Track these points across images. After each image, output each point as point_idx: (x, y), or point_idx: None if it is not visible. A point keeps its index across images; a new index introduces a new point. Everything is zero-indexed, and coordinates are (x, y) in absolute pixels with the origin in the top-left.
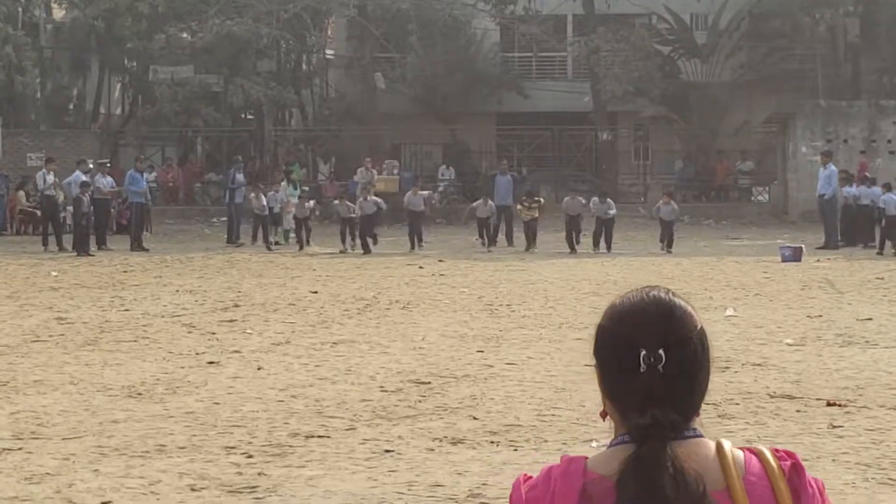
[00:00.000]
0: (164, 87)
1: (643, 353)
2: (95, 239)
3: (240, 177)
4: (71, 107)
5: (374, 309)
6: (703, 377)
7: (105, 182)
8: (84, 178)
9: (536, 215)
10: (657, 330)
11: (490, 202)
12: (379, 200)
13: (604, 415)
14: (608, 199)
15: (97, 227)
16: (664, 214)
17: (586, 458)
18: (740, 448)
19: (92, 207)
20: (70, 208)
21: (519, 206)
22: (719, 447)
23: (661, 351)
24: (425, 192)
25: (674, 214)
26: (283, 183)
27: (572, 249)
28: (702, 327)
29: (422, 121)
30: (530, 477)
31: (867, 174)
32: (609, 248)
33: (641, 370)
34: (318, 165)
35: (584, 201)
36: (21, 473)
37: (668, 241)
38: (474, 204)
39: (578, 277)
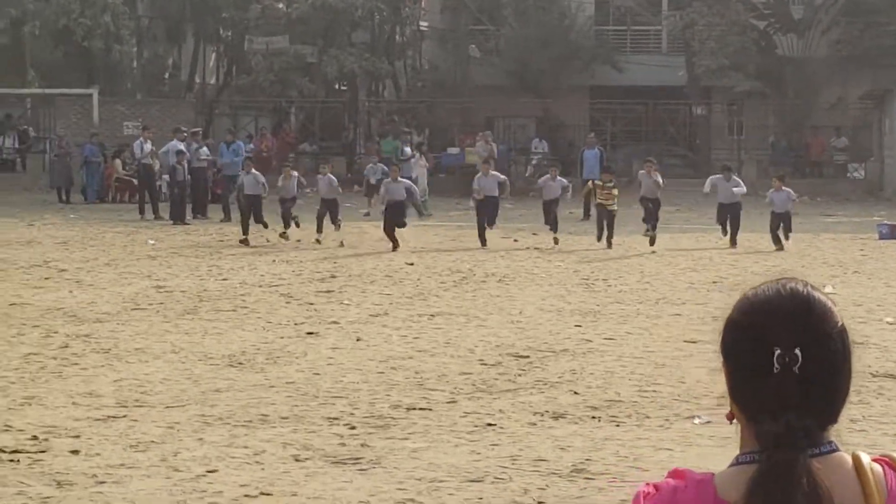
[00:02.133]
0: (259, 57)
1: (777, 352)
2: (192, 208)
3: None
4: (166, 76)
5: (471, 281)
6: (843, 380)
7: (203, 151)
8: (181, 146)
9: (612, 203)
10: (794, 327)
11: (559, 180)
12: (409, 184)
13: (730, 417)
14: (735, 177)
15: (194, 196)
16: (778, 205)
17: (713, 476)
18: (874, 459)
19: (189, 176)
20: (166, 177)
21: (596, 183)
22: (857, 462)
23: (797, 350)
24: (501, 177)
25: (789, 203)
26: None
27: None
28: (843, 324)
29: (515, 94)
30: (652, 491)
31: None
32: (734, 240)
33: (775, 371)
34: (412, 137)
35: (660, 182)
36: (126, 441)
37: (784, 233)
38: (540, 181)
39: (673, 253)
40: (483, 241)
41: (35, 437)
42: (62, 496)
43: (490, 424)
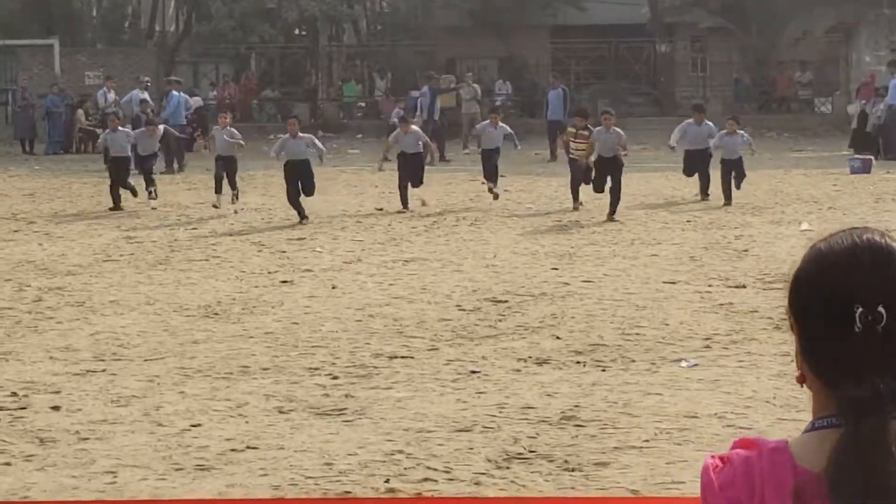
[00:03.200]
0: (219, 3)
1: (859, 310)
2: (171, 159)
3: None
4: (126, 24)
5: (442, 226)
6: None
7: (196, 101)
8: (143, 96)
9: (586, 151)
10: (876, 282)
11: (501, 127)
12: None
13: (801, 380)
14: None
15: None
16: (729, 150)
17: (787, 443)
18: None
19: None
20: (129, 126)
21: (568, 132)
22: None
23: (880, 308)
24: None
25: (743, 147)
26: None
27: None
28: None
29: (476, 35)
30: (721, 464)
31: None
32: (706, 191)
33: (856, 330)
34: (375, 81)
35: (623, 139)
36: (107, 396)
37: (736, 181)
38: (477, 127)
39: (645, 192)
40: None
41: (14, 394)
42: (46, 454)
43: (474, 372)
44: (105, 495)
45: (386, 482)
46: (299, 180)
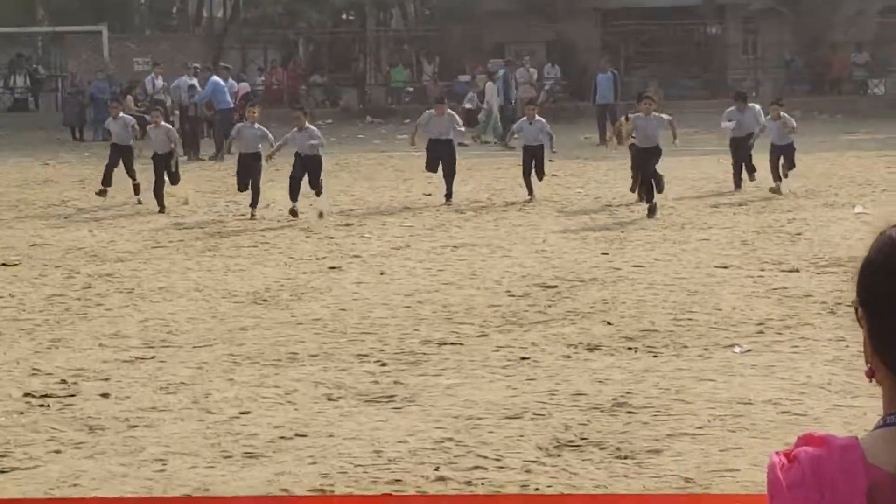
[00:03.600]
0: None
1: None
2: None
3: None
4: (174, 10)
5: (491, 211)
6: None
7: (243, 87)
8: (192, 82)
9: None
10: None
11: (538, 121)
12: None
13: (870, 374)
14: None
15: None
16: (775, 135)
17: (857, 441)
18: None
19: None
20: (177, 112)
21: (622, 121)
22: None
23: None
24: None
25: (788, 133)
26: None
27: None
28: None
29: (525, 19)
30: (787, 462)
31: None
32: (751, 172)
33: None
34: (423, 66)
35: (669, 121)
36: (156, 383)
37: (784, 169)
38: (514, 126)
39: (696, 176)
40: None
41: (64, 381)
42: (95, 441)
43: (524, 358)
44: (154, 483)
45: (436, 470)
46: (307, 173)
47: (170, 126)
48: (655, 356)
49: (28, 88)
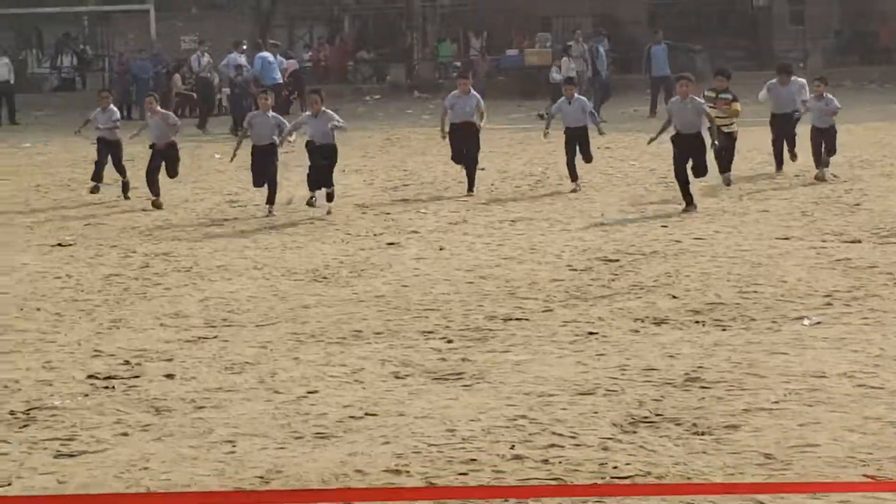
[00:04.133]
0: None
1: None
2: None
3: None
4: None
5: (545, 185)
6: None
7: (291, 63)
8: (240, 59)
9: (732, 123)
10: None
11: (578, 99)
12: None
13: None
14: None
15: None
16: (817, 117)
17: None
18: None
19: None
20: (226, 90)
21: (706, 95)
22: None
23: None
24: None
25: (830, 115)
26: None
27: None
28: None
29: None
30: None
31: None
32: (793, 153)
33: None
34: (470, 41)
35: (705, 109)
36: (221, 363)
37: (826, 153)
38: (553, 108)
39: (748, 146)
40: (574, 177)
41: (127, 363)
42: (162, 423)
43: (591, 333)
44: (225, 465)
45: (511, 448)
46: (322, 160)
47: (168, 112)
48: (724, 329)
49: (75, 68)
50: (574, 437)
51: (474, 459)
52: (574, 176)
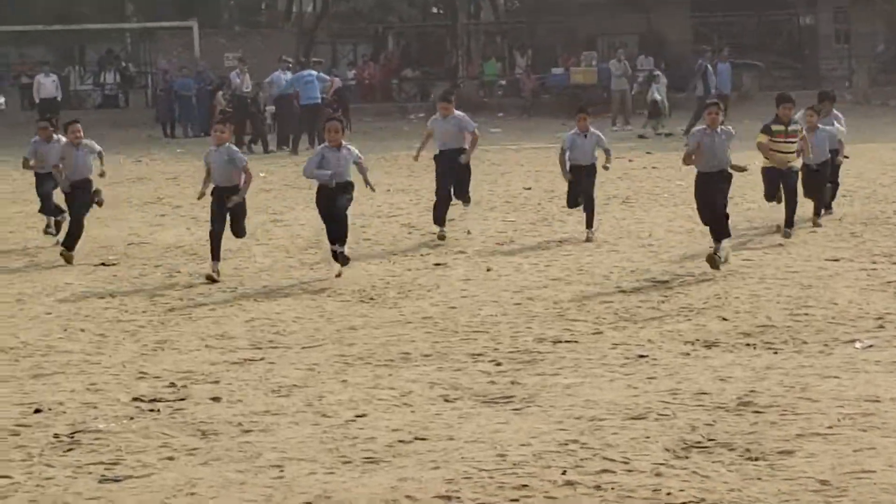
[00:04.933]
0: None
1: None
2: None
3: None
4: (263, 6)
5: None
6: None
7: (336, 82)
8: (286, 76)
9: (795, 159)
10: None
11: (593, 134)
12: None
13: None
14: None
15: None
16: (814, 150)
17: None
18: None
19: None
20: (271, 108)
21: (774, 130)
22: None
23: None
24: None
25: (828, 145)
26: None
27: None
28: None
29: (617, 10)
30: None
31: None
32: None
33: None
34: (515, 59)
35: (732, 132)
36: (267, 385)
37: (823, 200)
38: (566, 140)
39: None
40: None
41: (173, 385)
42: (209, 447)
43: (642, 356)
44: (273, 490)
45: (563, 474)
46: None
47: (90, 142)
48: (776, 353)
49: (118, 85)
50: (626, 463)
51: (526, 485)
52: (590, 222)
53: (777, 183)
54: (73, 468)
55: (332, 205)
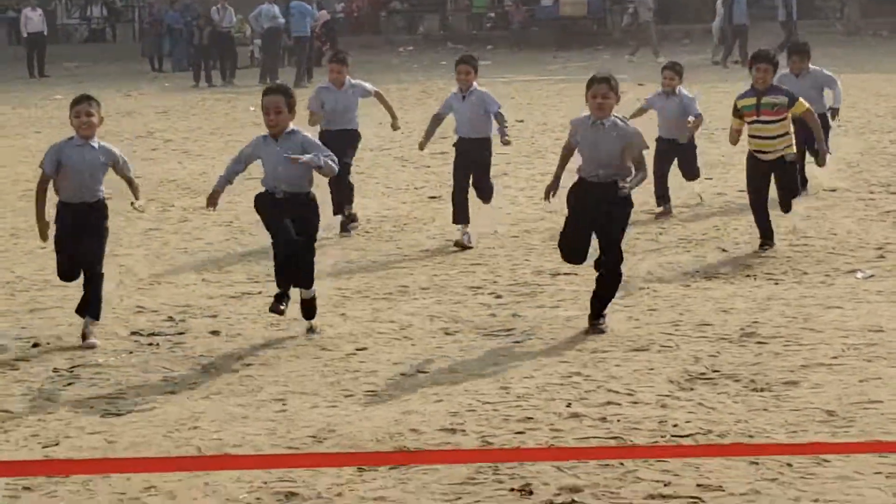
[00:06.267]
0: None
1: None
2: (300, 72)
3: None
4: None
5: None
6: None
7: (322, 14)
8: (274, 10)
9: (790, 145)
10: None
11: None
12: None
13: None
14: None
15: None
16: (665, 125)
17: None
18: None
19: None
20: (257, 42)
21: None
22: None
23: None
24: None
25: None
26: None
27: None
28: None
29: None
30: None
31: None
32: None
33: None
34: None
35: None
36: (266, 319)
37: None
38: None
39: None
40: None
41: (171, 318)
42: (210, 381)
43: (642, 288)
44: (276, 424)
45: (567, 406)
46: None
47: None
48: (776, 283)
49: (105, 19)
50: (631, 395)
51: (531, 418)
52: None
53: (761, 178)
54: (74, 402)
55: (289, 226)
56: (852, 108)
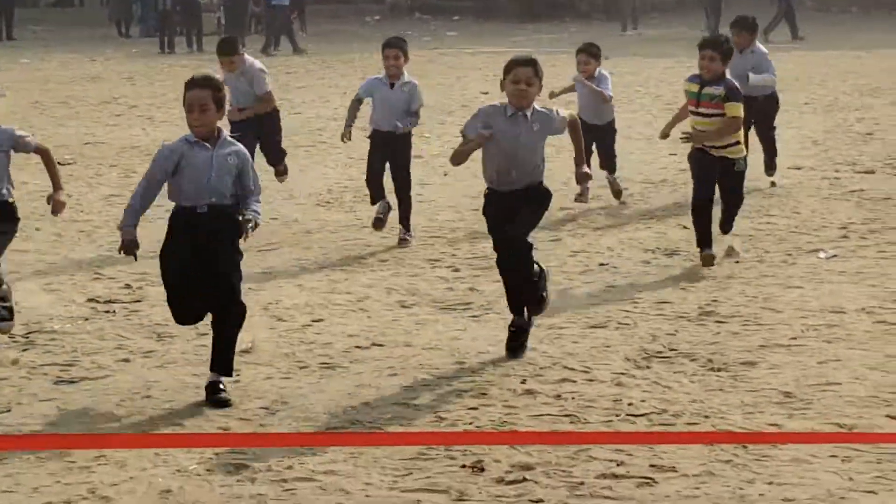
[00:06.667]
0: None
1: None
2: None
3: None
4: None
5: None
6: None
7: None
8: None
9: (738, 151)
10: None
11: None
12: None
13: None
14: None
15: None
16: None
17: None
18: None
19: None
20: (223, 8)
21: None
22: None
23: None
24: None
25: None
26: None
27: None
28: None
29: None
30: None
31: None
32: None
33: None
34: None
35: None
36: None
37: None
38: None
39: None
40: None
41: (128, 286)
42: (164, 349)
43: (602, 264)
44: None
45: (522, 383)
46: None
47: None
48: (737, 262)
49: None
50: (587, 372)
51: (485, 393)
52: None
53: (708, 176)
54: (28, 368)
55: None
56: (820, 85)
